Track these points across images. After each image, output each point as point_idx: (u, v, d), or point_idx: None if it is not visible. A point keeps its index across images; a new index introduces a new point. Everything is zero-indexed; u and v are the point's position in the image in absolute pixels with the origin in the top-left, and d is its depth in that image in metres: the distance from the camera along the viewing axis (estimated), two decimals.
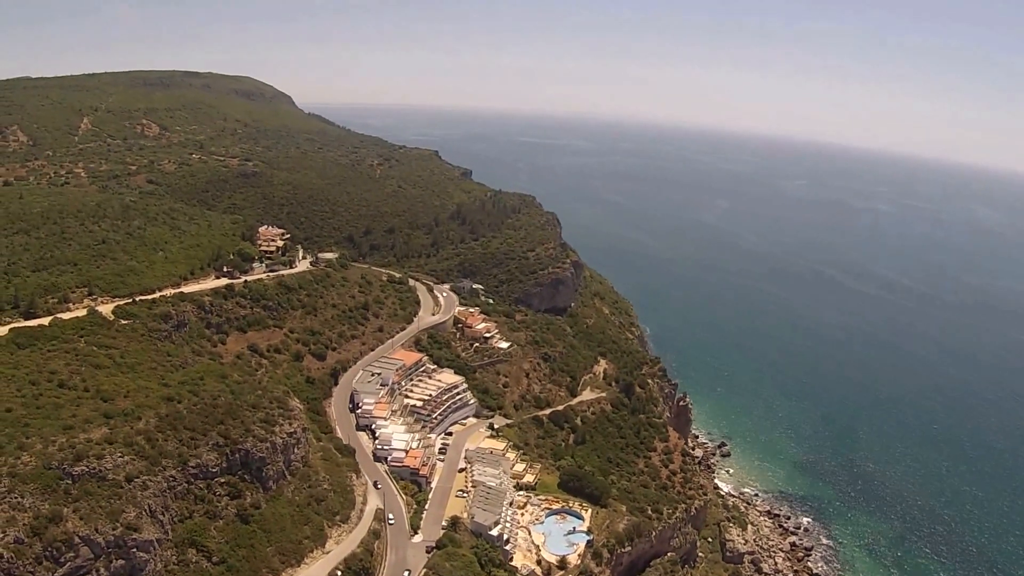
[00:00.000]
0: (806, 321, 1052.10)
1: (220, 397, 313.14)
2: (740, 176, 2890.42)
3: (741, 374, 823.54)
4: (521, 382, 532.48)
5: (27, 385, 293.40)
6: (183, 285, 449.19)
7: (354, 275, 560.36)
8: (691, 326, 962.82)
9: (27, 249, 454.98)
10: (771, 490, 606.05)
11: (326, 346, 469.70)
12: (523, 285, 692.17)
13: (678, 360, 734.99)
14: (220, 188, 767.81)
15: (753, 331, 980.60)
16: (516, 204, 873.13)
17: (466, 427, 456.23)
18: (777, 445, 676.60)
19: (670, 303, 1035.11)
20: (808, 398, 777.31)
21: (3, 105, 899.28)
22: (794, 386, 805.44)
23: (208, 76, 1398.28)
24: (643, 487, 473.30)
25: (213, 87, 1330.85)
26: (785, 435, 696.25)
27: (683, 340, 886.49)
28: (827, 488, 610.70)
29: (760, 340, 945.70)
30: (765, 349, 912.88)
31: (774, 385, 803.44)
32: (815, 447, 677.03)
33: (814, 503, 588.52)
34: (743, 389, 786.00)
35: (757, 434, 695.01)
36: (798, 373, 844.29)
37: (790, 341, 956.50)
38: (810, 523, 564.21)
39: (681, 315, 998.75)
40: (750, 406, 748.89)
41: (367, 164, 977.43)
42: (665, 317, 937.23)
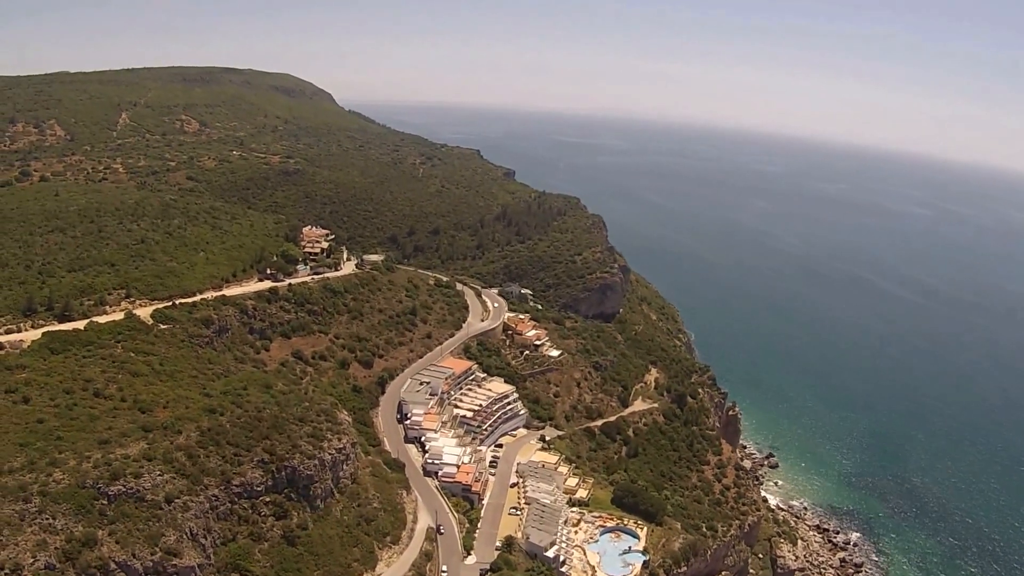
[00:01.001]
0: (848, 327, 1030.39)
1: (265, 409, 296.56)
2: (776, 177, 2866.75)
3: (785, 381, 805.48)
4: (572, 392, 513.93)
5: (61, 394, 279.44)
6: (225, 288, 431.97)
7: (401, 278, 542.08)
8: (731, 330, 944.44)
9: (63, 248, 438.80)
10: (820, 503, 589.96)
11: (373, 353, 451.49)
12: (571, 290, 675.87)
13: (719, 366, 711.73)
14: (261, 186, 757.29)
15: (795, 336, 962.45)
16: (561, 206, 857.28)
17: (516, 439, 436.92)
18: (824, 456, 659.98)
19: (709, 305, 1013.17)
20: (853, 407, 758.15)
21: (41, 100, 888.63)
22: (839, 394, 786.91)
23: (248, 72, 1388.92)
24: (696, 502, 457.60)
25: (253, 83, 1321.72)
26: (832, 446, 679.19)
27: (724, 345, 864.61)
28: (876, 502, 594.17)
29: (802, 346, 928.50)
30: (808, 355, 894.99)
31: (819, 393, 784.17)
32: (862, 459, 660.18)
33: (863, 517, 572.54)
34: (787, 397, 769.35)
35: (804, 444, 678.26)
36: (843, 381, 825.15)
37: (833, 347, 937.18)
38: (859, 538, 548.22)
39: (721, 318, 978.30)
40: (795, 415, 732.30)
41: (409, 163, 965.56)
42: (705, 320, 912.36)
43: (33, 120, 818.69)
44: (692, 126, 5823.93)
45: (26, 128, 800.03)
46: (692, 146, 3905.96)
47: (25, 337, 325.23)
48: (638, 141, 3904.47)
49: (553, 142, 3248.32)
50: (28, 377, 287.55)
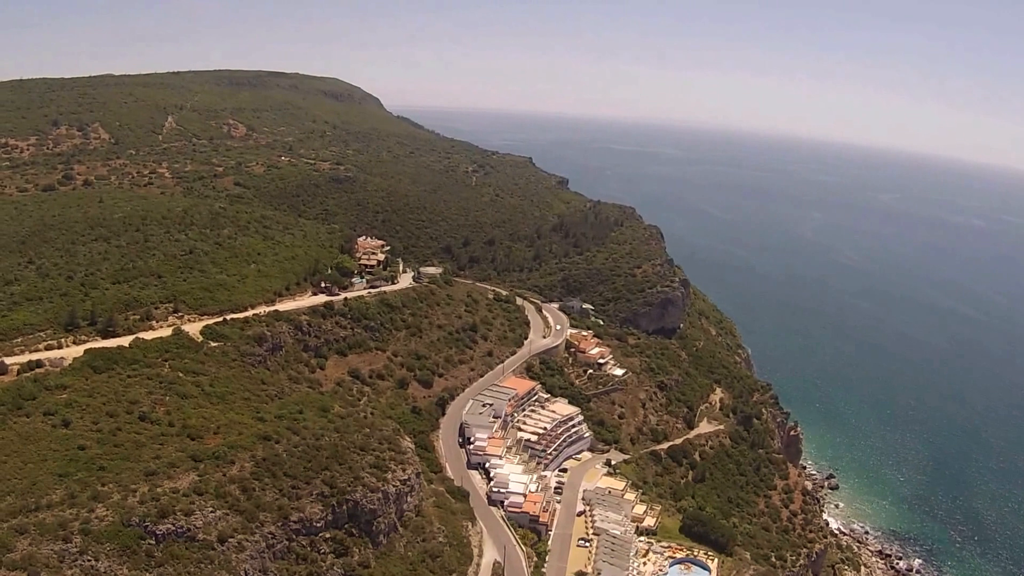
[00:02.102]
0: (908, 343, 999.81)
1: (323, 437, 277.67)
2: (831, 187, 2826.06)
3: (843, 399, 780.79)
4: (637, 413, 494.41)
5: (103, 417, 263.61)
6: (277, 302, 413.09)
7: (459, 292, 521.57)
8: (787, 345, 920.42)
9: (106, 258, 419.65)
10: (881, 527, 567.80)
11: (432, 371, 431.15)
12: (630, 304, 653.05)
13: (774, 382, 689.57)
14: (312, 193, 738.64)
15: (852, 353, 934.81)
16: (617, 216, 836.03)
17: (581, 463, 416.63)
18: (885, 478, 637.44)
19: (765, 320, 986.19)
20: (914, 427, 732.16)
21: (85, 102, 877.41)
22: (899, 414, 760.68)
23: (295, 76, 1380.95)
24: (764, 530, 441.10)
25: (300, 87, 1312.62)
26: (893, 467, 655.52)
27: (779, 360, 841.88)
28: (938, 527, 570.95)
29: (860, 363, 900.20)
30: (866, 373, 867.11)
31: (878, 412, 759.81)
32: (924, 481, 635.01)
33: (926, 543, 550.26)
34: (846, 415, 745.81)
35: (864, 465, 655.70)
36: (903, 400, 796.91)
37: (891, 364, 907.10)
38: (922, 565, 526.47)
39: (777, 333, 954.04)
40: (854, 434, 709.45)
41: (461, 170, 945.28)
42: (760, 335, 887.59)
43: (77, 123, 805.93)
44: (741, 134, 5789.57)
45: (69, 131, 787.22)
46: (742, 155, 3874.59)
47: (66, 354, 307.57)
48: (688, 149, 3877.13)
49: (603, 150, 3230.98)
50: (69, 398, 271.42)
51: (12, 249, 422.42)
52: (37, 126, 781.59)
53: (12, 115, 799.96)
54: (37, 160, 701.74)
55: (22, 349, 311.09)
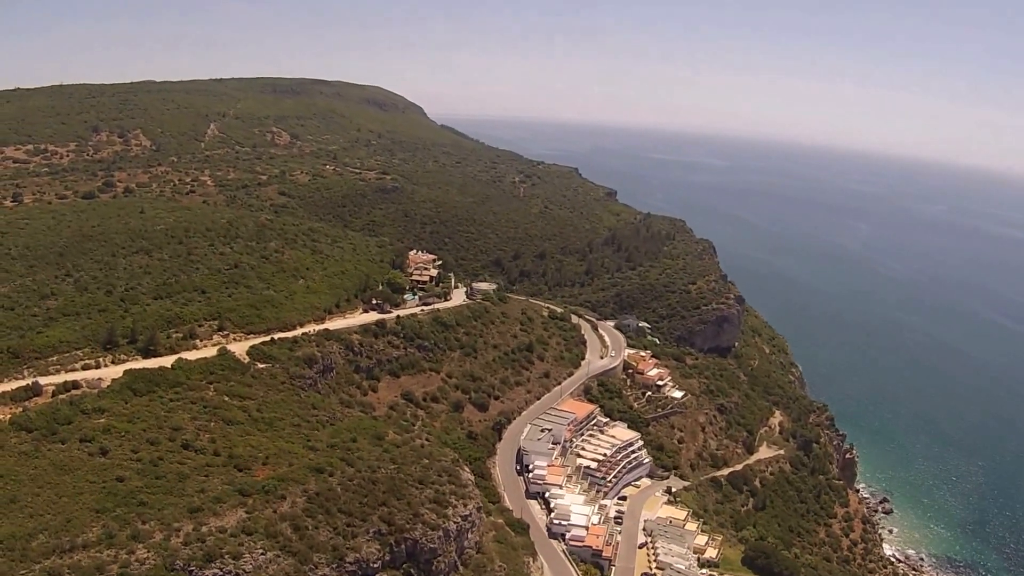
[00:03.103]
0: (958, 359, 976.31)
1: (380, 468, 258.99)
2: (875, 198, 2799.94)
3: (895, 419, 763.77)
4: (697, 437, 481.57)
5: (144, 445, 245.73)
6: (327, 320, 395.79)
7: (514, 310, 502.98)
8: (835, 361, 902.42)
9: (148, 272, 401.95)
10: (936, 554, 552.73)
11: (488, 394, 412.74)
12: (685, 322, 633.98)
13: (825, 400, 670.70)
14: (358, 203, 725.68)
15: (901, 368, 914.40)
16: (668, 229, 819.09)
17: (640, 490, 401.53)
18: (940, 502, 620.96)
19: (811, 334, 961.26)
20: (969, 449, 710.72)
21: (126, 108, 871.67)
22: (952, 433, 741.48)
23: (338, 84, 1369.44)
24: (826, 560, 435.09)
25: (344, 96, 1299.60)
26: (947, 490, 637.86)
27: (829, 377, 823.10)
28: (994, 554, 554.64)
29: (910, 379, 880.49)
30: (917, 389, 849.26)
31: (931, 431, 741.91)
32: (980, 505, 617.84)
33: (982, 571, 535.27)
34: (897, 436, 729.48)
35: (918, 488, 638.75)
36: (956, 420, 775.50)
37: (944, 383, 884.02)
38: None
39: (823, 348, 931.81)
40: (907, 456, 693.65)
41: (508, 181, 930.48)
42: (807, 350, 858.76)
43: (117, 129, 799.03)
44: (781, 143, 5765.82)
45: (110, 137, 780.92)
46: (784, 164, 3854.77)
47: (104, 374, 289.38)
48: (730, 159, 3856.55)
49: (645, 159, 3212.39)
50: (107, 423, 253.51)
51: (49, 261, 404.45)
52: (77, 132, 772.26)
53: (52, 120, 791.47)
54: (77, 166, 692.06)
55: (58, 368, 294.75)
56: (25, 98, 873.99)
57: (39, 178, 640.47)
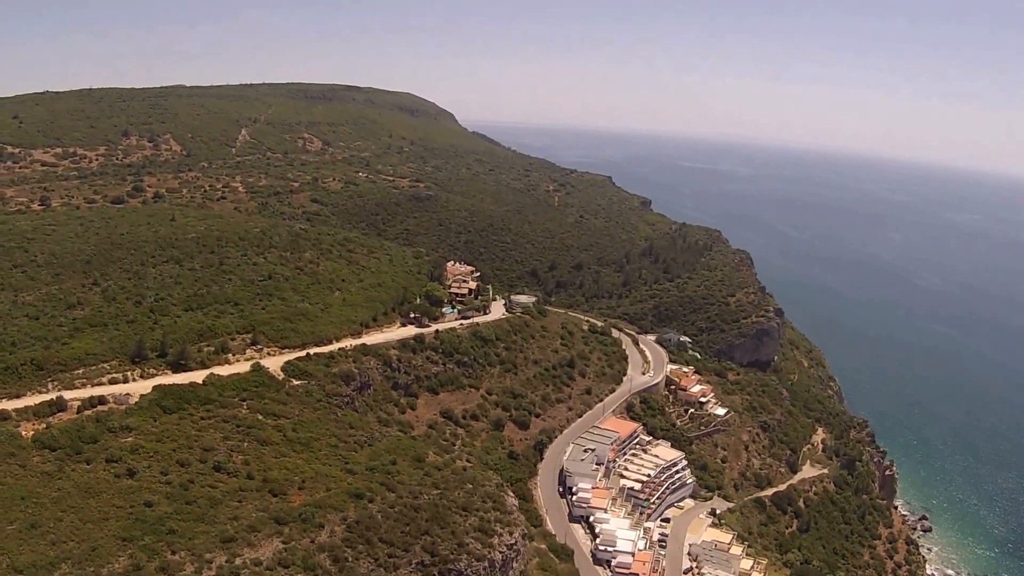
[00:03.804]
0: (997, 372, 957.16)
1: (422, 494, 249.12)
2: (907, 206, 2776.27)
3: (931, 431, 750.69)
4: (740, 456, 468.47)
5: (174, 467, 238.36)
6: (364, 334, 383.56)
7: (554, 324, 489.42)
8: (870, 372, 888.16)
9: (178, 282, 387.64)
10: (976, 574, 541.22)
11: (529, 411, 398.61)
12: (725, 335, 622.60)
13: (860, 413, 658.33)
14: (392, 212, 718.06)
15: (939, 381, 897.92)
16: (704, 239, 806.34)
17: (684, 511, 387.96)
18: (980, 520, 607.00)
19: (843, 345, 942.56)
20: (1008, 463, 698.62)
21: (155, 112, 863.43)
22: (991, 448, 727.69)
23: (370, 91, 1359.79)
24: None
25: (375, 102, 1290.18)
26: (988, 508, 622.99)
27: (864, 389, 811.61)
28: None
29: (948, 392, 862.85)
30: (954, 402, 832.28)
31: (969, 446, 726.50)
32: (1021, 524, 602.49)
33: None
34: (936, 451, 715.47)
35: (957, 506, 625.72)
36: (994, 432, 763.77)
37: (981, 395, 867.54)
38: None
39: (856, 359, 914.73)
40: (946, 472, 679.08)
41: (542, 189, 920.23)
42: (839, 361, 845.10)
43: (147, 133, 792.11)
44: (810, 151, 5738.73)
45: (140, 141, 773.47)
46: (814, 172, 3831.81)
47: (132, 389, 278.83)
48: (760, 167, 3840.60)
49: (675, 167, 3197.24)
50: (135, 443, 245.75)
51: (76, 269, 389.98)
52: (107, 136, 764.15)
53: (81, 124, 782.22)
54: (106, 171, 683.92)
55: (83, 382, 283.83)
56: (54, 101, 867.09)
57: (67, 182, 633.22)
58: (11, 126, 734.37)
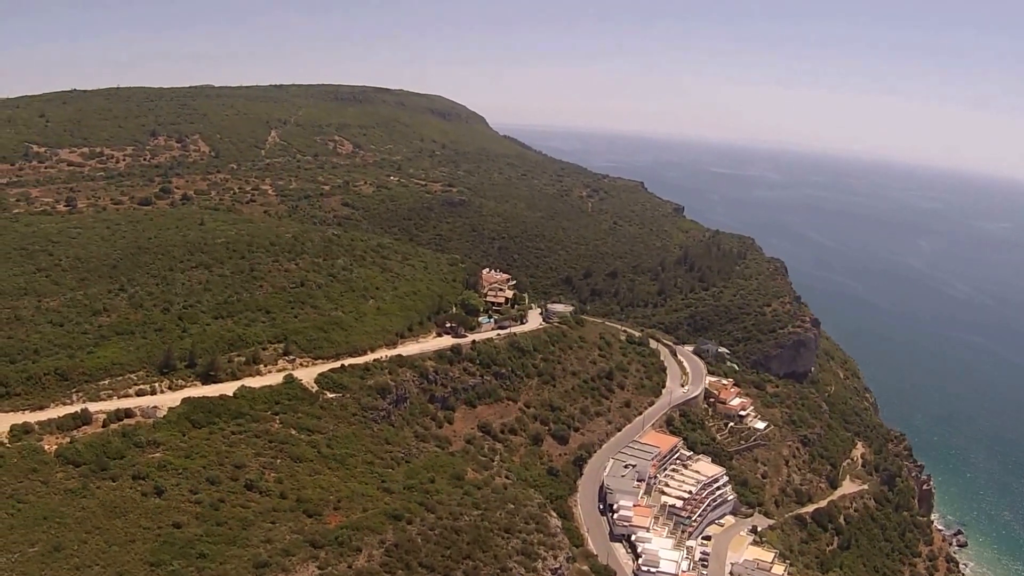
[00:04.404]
0: None
1: (463, 515, 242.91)
2: (936, 214, 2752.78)
3: (967, 446, 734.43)
4: (781, 471, 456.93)
5: (203, 485, 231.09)
6: (399, 344, 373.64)
7: (592, 334, 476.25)
8: (902, 384, 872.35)
9: (208, 289, 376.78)
10: None
11: (568, 425, 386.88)
12: (762, 346, 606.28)
13: (893, 424, 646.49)
14: (424, 216, 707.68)
15: (970, 393, 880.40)
16: (737, 247, 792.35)
17: (724, 529, 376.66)
18: (1016, 535, 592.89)
19: (875, 355, 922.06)
20: None
21: (184, 113, 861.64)
22: None
23: (401, 93, 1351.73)
24: None
25: (407, 104, 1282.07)
26: None
27: (894, 401, 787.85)
28: None
29: (980, 404, 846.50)
30: (988, 415, 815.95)
31: (1004, 458, 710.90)
32: None
33: None
34: (971, 464, 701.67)
35: (993, 520, 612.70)
36: None
37: (1016, 407, 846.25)
38: None
39: (888, 370, 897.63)
40: (981, 485, 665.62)
41: (575, 195, 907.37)
42: (870, 371, 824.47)
43: (175, 134, 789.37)
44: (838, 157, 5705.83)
45: (168, 142, 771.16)
46: (843, 179, 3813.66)
47: (160, 402, 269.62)
48: (789, 173, 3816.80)
49: (705, 172, 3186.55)
50: (163, 459, 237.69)
51: (102, 274, 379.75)
52: (134, 136, 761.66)
53: (109, 124, 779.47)
54: (133, 171, 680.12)
55: (109, 393, 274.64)
56: (81, 100, 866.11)
57: (94, 182, 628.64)
58: (38, 125, 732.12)
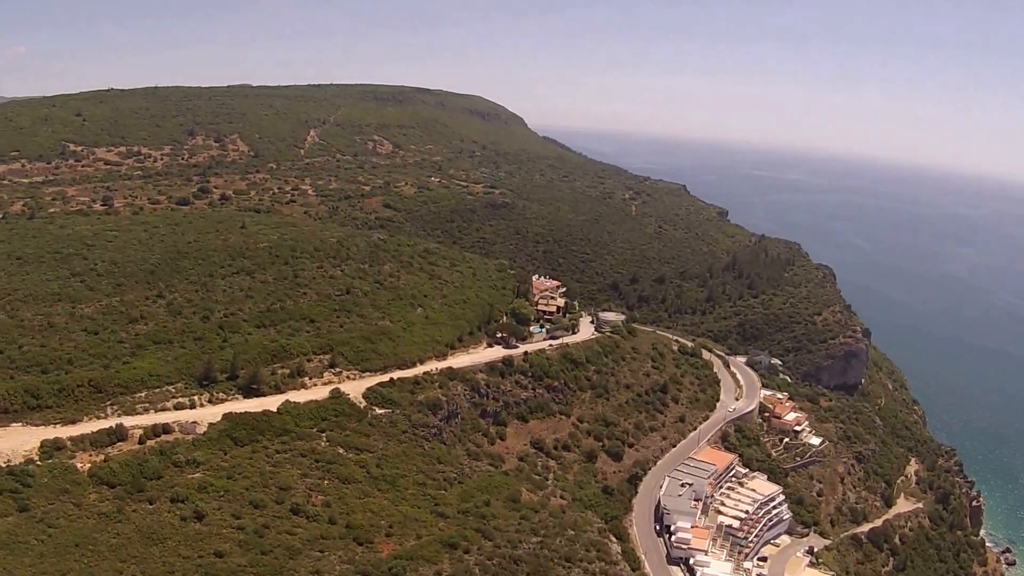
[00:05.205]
0: None
1: (522, 543, 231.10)
2: (978, 221, 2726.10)
3: (1012, 458, 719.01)
4: (836, 489, 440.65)
5: (247, 509, 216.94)
6: (450, 356, 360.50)
7: (644, 344, 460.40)
8: (945, 396, 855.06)
9: (250, 296, 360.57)
10: None
11: (622, 441, 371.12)
12: (812, 356, 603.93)
13: (937, 435, 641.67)
14: (467, 219, 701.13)
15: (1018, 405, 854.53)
16: (784, 253, 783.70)
17: (780, 549, 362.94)
18: None
19: (919, 366, 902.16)
20: None
21: (222, 112, 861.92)
22: None
23: (440, 93, 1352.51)
24: None
25: (446, 105, 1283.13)
26: None
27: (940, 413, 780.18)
28: None
29: None
30: None
31: None
32: None
33: None
34: (1017, 478, 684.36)
35: None
36: None
37: None
38: None
39: (932, 382, 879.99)
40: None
41: (619, 198, 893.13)
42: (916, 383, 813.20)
43: (214, 133, 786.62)
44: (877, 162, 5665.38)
45: (206, 141, 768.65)
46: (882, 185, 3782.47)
47: (200, 416, 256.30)
48: (831, 177, 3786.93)
49: (745, 176, 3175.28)
50: (203, 479, 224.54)
51: (139, 279, 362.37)
52: (172, 135, 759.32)
53: (146, 123, 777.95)
54: (171, 171, 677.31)
55: (146, 407, 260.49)
56: (119, 99, 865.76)
57: (131, 182, 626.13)
58: (74, 124, 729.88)
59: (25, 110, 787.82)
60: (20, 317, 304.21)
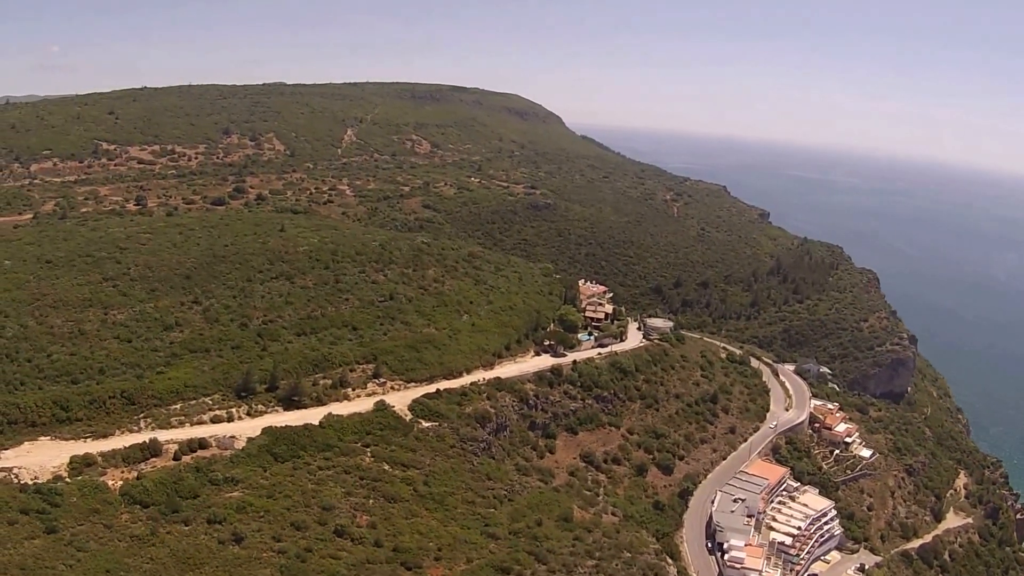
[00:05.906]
0: None
1: (577, 567, 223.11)
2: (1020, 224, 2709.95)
3: None
4: (886, 503, 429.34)
5: (288, 531, 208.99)
6: (497, 365, 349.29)
7: (693, 352, 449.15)
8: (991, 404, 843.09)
9: (289, 302, 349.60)
10: None
11: (672, 453, 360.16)
12: (859, 364, 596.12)
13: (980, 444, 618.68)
14: (508, 220, 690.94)
15: None
16: (827, 256, 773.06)
17: (830, 566, 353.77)
18: None
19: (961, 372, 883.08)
20: None
21: (258, 111, 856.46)
22: None
23: (477, 92, 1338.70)
24: None
25: (484, 104, 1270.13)
26: None
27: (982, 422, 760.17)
28: None
29: None
30: None
31: None
32: None
33: None
34: None
35: None
36: None
37: None
38: None
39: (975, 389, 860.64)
40: None
41: (660, 198, 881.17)
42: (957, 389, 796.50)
43: (249, 132, 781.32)
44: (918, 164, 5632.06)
45: (241, 140, 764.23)
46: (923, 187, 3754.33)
47: (238, 430, 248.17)
48: (872, 179, 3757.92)
49: (786, 177, 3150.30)
50: (241, 499, 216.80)
51: (174, 284, 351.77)
52: (206, 134, 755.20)
53: (180, 121, 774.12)
54: (206, 170, 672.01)
55: (181, 420, 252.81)
56: (152, 97, 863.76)
57: (164, 181, 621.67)
58: (107, 122, 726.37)
59: (57, 108, 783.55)
60: (49, 324, 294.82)
